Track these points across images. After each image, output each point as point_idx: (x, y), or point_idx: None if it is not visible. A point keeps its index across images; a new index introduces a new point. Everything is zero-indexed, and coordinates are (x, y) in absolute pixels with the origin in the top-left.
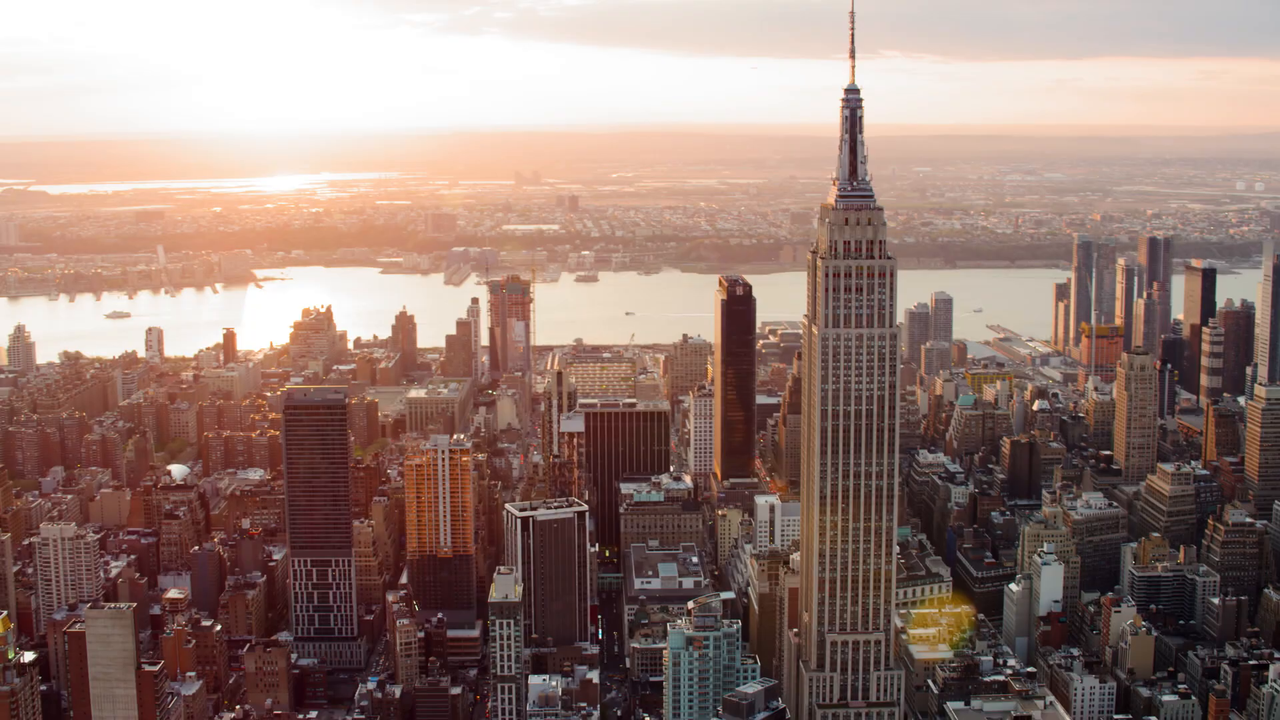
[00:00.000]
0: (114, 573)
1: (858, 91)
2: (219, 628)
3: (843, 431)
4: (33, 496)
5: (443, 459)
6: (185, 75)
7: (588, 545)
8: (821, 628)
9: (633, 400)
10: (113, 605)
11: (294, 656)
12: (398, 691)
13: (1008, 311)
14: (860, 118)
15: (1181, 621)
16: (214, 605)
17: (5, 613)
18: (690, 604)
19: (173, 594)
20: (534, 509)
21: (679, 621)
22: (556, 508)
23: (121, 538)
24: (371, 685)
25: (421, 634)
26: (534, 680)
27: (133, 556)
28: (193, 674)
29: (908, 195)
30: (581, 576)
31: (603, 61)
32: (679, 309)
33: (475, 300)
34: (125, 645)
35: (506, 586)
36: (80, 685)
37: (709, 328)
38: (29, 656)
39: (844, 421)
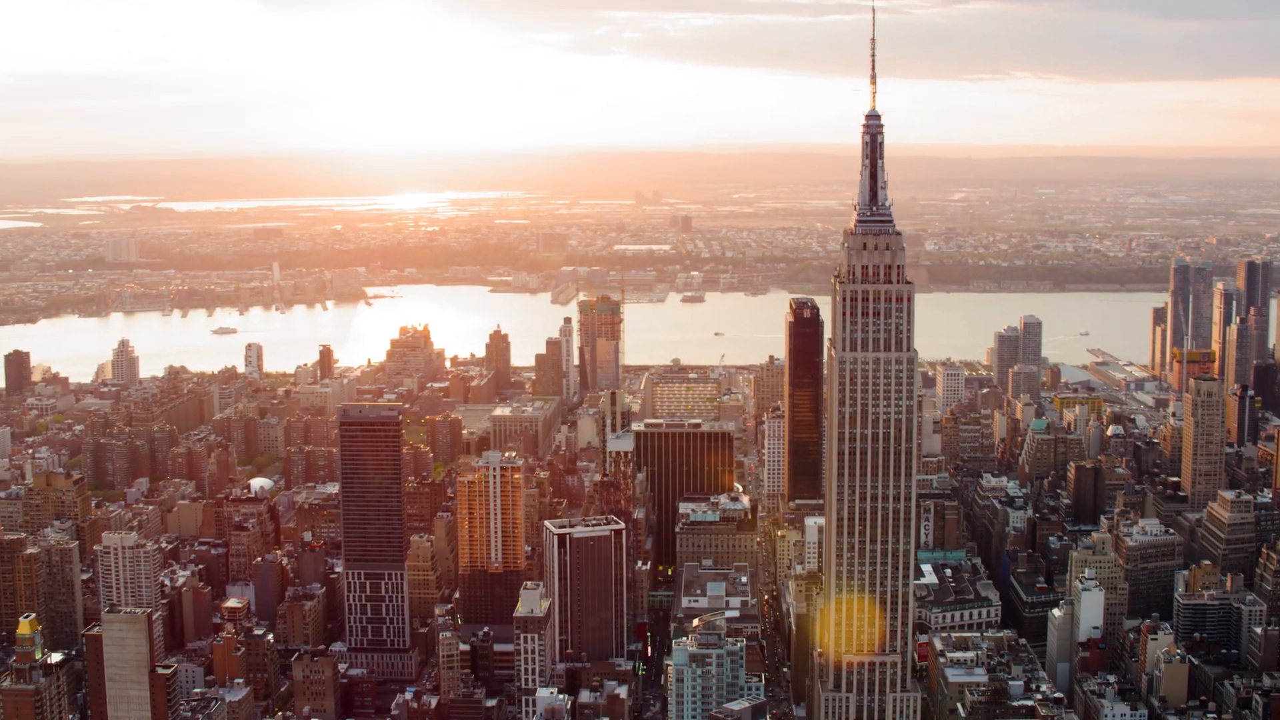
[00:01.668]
0: (180, 581)
1: (879, 117)
2: (270, 636)
3: (860, 454)
4: (117, 507)
5: (494, 476)
6: (315, 94)
7: (625, 563)
8: (839, 648)
9: (698, 421)
10: (129, 610)
11: (344, 667)
12: (433, 702)
13: (1111, 336)
14: (881, 143)
15: (1225, 650)
16: (274, 615)
17: (33, 615)
18: (695, 621)
19: (231, 603)
20: (572, 526)
21: (684, 639)
22: (595, 525)
23: (194, 548)
24: (408, 696)
25: (466, 647)
26: (541, 693)
27: (201, 566)
28: (240, 680)
29: (1026, 217)
30: (619, 593)
31: (730, 82)
32: (775, 330)
33: (568, 320)
34: (139, 648)
35: (532, 601)
36: (98, 686)
37: None
38: (56, 657)
39: (861, 444)
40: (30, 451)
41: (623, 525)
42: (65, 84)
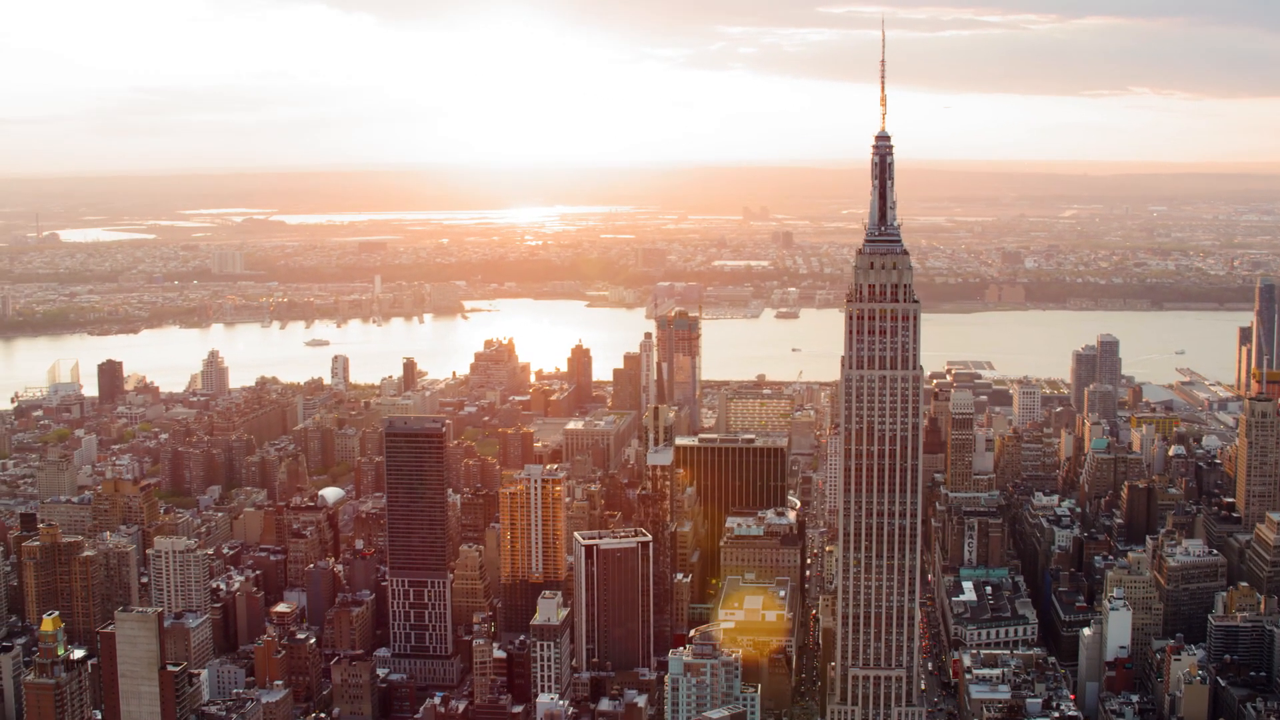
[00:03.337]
0: (234, 586)
1: (888, 139)
2: (313, 641)
3: (866, 471)
4: (188, 513)
5: (535, 488)
6: (432, 109)
7: (652, 574)
8: (846, 662)
9: (751, 436)
10: (139, 609)
11: (385, 672)
12: (461, 707)
13: (1205, 354)
14: (890, 164)
15: (1254, 673)
16: (323, 621)
17: (56, 613)
18: (693, 633)
19: (280, 608)
20: (600, 538)
21: (680, 649)
22: (623, 538)
23: (254, 554)
24: (436, 700)
25: (502, 654)
26: (542, 699)
27: (258, 571)
28: (280, 682)
29: (1134, 235)
30: (645, 604)
31: (845, 97)
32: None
33: (648, 335)
34: (149, 646)
35: (549, 610)
36: (111, 682)
37: None
38: (79, 653)
39: (867, 461)
40: (113, 459)
41: (650, 538)
42: (185, 98)
